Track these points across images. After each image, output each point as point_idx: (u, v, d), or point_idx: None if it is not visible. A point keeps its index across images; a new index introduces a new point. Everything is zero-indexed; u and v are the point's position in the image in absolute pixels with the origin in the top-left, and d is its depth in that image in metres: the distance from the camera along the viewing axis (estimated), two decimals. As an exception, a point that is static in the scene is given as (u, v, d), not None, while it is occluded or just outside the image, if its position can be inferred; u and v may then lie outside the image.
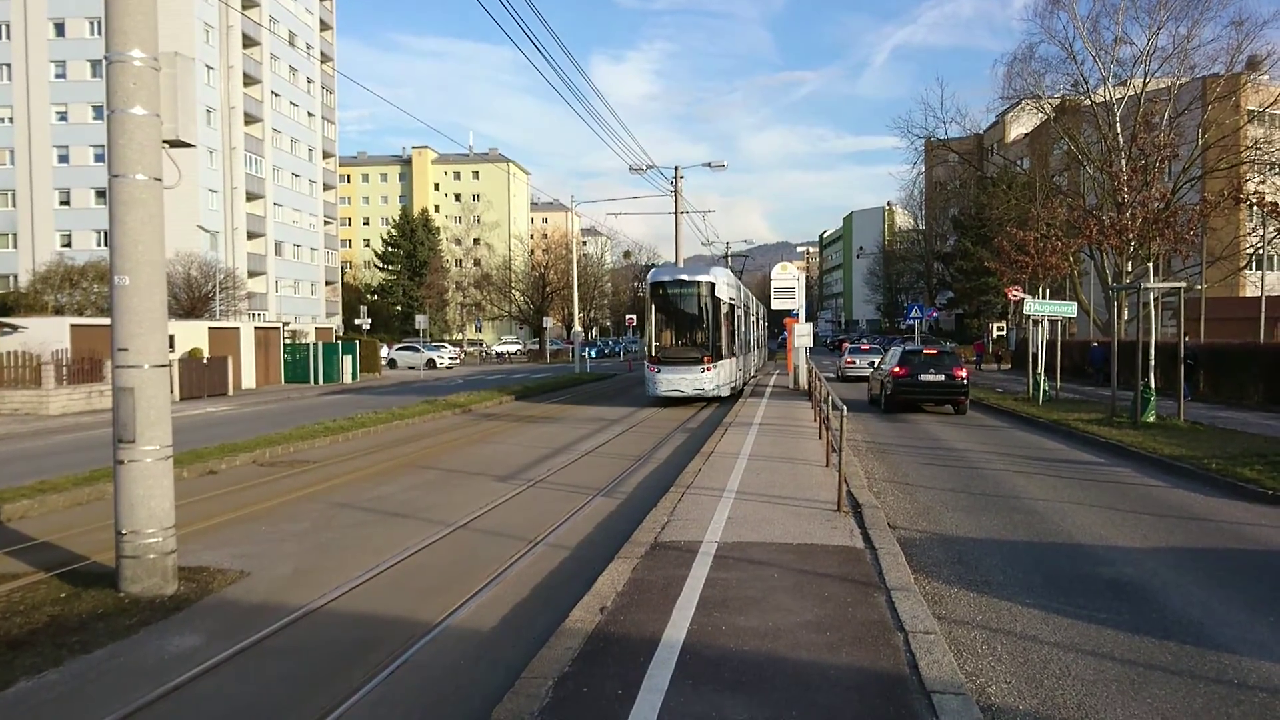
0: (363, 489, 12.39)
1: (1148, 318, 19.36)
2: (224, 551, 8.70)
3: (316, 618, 6.79)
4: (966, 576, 7.66)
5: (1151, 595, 7.11)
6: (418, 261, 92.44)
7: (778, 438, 16.45)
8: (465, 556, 8.56)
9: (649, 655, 5.38)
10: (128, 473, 7.12)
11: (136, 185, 7.09)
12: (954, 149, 56.57)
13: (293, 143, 74.04)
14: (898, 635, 5.74)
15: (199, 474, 13.35)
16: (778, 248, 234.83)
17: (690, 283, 25.22)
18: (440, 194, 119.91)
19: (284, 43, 71.71)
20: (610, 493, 11.95)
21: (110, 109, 7.06)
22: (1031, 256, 25.24)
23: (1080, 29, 38.57)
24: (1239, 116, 40.05)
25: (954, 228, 75.70)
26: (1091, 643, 6.03)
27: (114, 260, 7.13)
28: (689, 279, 25.43)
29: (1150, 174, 19.78)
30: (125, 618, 6.65)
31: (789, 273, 31.89)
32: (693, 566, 7.39)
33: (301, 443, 16.64)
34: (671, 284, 25.42)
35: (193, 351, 32.04)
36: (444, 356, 58.38)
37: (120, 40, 7.00)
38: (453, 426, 20.87)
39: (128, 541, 7.12)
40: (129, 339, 7.09)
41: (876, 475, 12.97)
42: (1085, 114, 40.09)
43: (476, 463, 14.91)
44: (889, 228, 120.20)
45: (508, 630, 6.48)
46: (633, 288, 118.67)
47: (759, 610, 6.24)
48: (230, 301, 51.18)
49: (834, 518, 9.31)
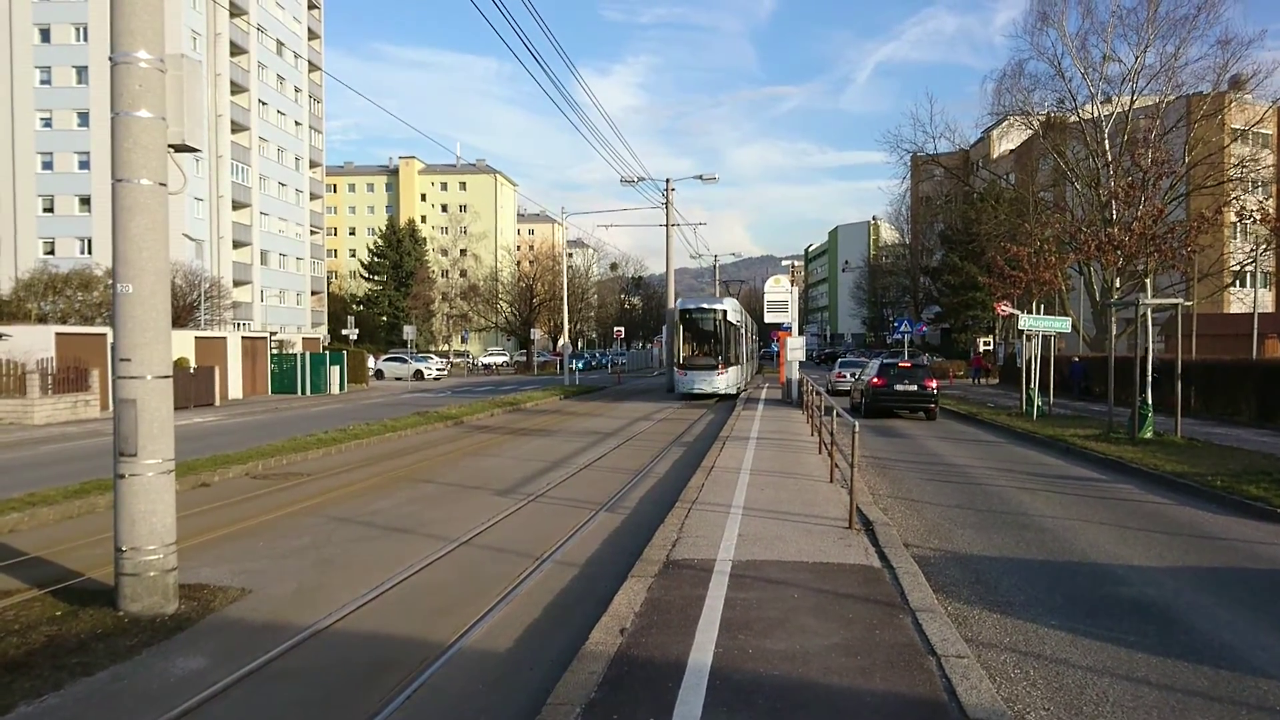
0: (360, 503, 12.15)
1: (1145, 333, 19.36)
2: (223, 568, 8.47)
3: (324, 638, 6.58)
4: (987, 597, 7.53)
5: (1177, 616, 6.98)
6: (404, 272, 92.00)
7: (777, 452, 16.31)
8: (472, 574, 8.36)
9: (677, 680, 5.20)
10: (129, 487, 6.89)
11: (141, 190, 6.88)
12: (942, 164, 56.81)
13: (280, 151, 73.68)
14: (930, 659, 5.58)
15: (191, 486, 13.06)
16: (762, 261, 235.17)
17: (709, 310, 33.95)
18: (427, 204, 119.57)
19: (272, 51, 71.43)
20: (613, 508, 11.76)
21: (115, 111, 6.85)
22: (1025, 272, 25.28)
23: (1069, 46, 38.86)
24: (1224, 135, 40.41)
25: (941, 243, 75.97)
26: (1124, 667, 5.89)
27: (116, 268, 6.91)
28: (708, 307, 34.19)
29: (1147, 190, 19.82)
30: (126, 638, 6.42)
31: (782, 286, 31.83)
32: (709, 586, 7.21)
33: (295, 455, 16.38)
34: (695, 310, 34.05)
35: (179, 361, 31.64)
36: (432, 368, 58.11)
37: (126, 41, 6.79)
38: (446, 439, 20.63)
39: (128, 559, 6.89)
40: (132, 349, 6.87)
41: (881, 491, 12.84)
42: (1073, 130, 40.32)
43: (474, 476, 14.69)
44: (874, 242, 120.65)
45: (524, 652, 6.28)
46: (620, 300, 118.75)
47: (784, 632, 6.07)
48: (216, 311, 50.70)
49: (846, 535, 9.16)
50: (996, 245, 36.33)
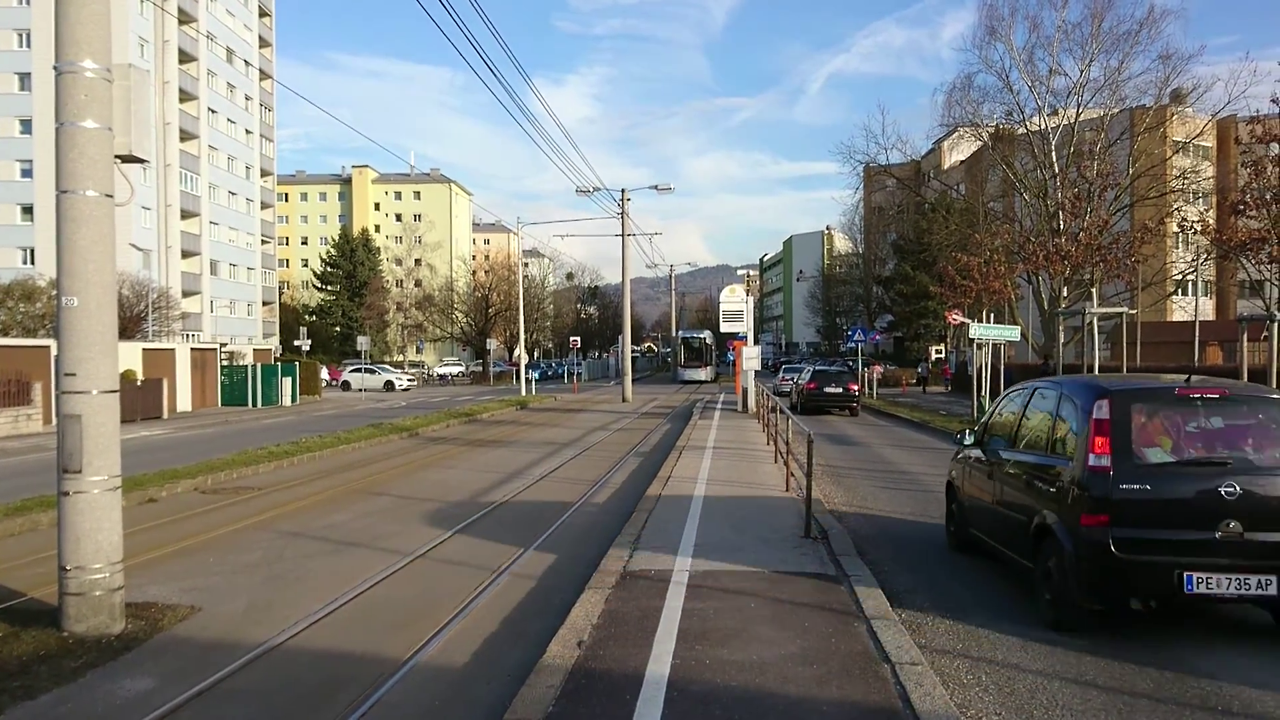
0: (313, 517, 11.99)
1: (1091, 342, 19.78)
2: (172, 585, 8.30)
3: (276, 656, 6.47)
4: (940, 603, 7.62)
5: (1124, 622, 7.11)
6: (358, 282, 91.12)
7: (734, 461, 16.39)
8: (428, 588, 8.29)
9: (635, 693, 5.20)
10: (73, 505, 6.74)
11: (87, 202, 6.74)
12: (894, 174, 57.57)
13: (230, 160, 72.63)
14: (884, 667, 5.64)
15: (138, 502, 12.79)
16: (718, 270, 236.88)
17: (697, 336, 65.97)
18: (381, 214, 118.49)
19: (222, 59, 70.43)
20: (571, 519, 11.72)
21: (60, 121, 6.71)
22: (976, 281, 25.69)
23: (1017, 59, 39.53)
24: (1166, 147, 41.43)
25: (893, 252, 76.95)
26: (1072, 670, 6.00)
27: (62, 280, 6.76)
28: (696, 335, 66.71)
29: (1093, 202, 20.26)
30: (70, 659, 6.26)
31: (737, 296, 32.02)
32: (667, 597, 7.22)
33: (245, 468, 16.12)
34: (690, 337, 66.33)
35: (126, 373, 30.97)
36: (403, 379, 57.63)
37: (72, 50, 6.66)
38: (401, 451, 20.44)
39: (72, 578, 6.73)
40: (77, 363, 6.72)
41: (837, 500, 12.95)
42: (1021, 142, 41.09)
43: (429, 489, 14.57)
44: (828, 252, 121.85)
45: (481, 666, 6.24)
46: (576, 309, 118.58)
47: (741, 642, 6.10)
48: (164, 322, 49.78)
49: (802, 544, 9.22)
50: (948, 255, 36.81)
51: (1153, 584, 6.31)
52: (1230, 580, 6.20)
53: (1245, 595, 6.24)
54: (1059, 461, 7.06)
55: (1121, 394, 6.81)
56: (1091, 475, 6.46)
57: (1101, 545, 6.34)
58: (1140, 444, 6.54)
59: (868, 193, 75.30)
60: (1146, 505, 6.36)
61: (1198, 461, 6.50)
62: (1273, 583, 6.17)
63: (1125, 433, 6.51)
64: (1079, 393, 7.18)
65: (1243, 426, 6.72)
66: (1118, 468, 6.41)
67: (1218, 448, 6.60)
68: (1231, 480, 6.27)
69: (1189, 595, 6.22)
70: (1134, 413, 6.65)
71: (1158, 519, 6.35)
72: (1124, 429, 6.53)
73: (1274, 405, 6.77)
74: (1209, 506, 6.25)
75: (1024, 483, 7.59)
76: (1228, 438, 6.66)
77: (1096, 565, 6.37)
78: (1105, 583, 6.43)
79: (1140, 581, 6.34)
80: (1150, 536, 6.30)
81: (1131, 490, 6.36)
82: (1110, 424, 6.53)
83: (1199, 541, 6.24)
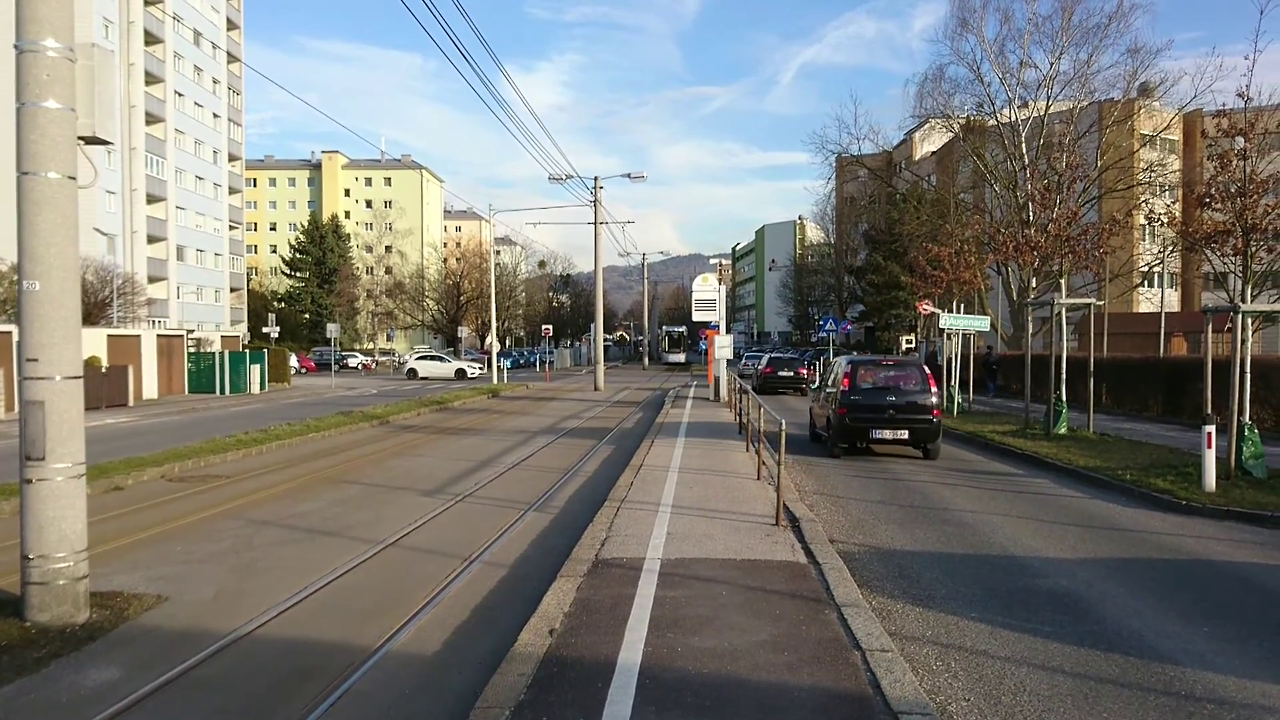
0: (282, 505, 11.88)
1: (1059, 332, 19.99)
2: (138, 574, 8.20)
3: (245, 645, 6.41)
4: (910, 591, 7.69)
5: (1090, 607, 7.22)
6: (327, 269, 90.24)
7: (705, 450, 16.43)
8: (398, 576, 8.24)
9: (606, 680, 5.20)
10: (36, 493, 6.63)
11: (49, 184, 6.61)
12: (866, 165, 57.81)
13: (197, 144, 71.60)
14: (855, 654, 5.68)
15: (104, 490, 12.61)
16: (690, 259, 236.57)
17: (677, 329, 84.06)
18: (351, 200, 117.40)
19: (189, 41, 69.35)
20: (542, 508, 11.70)
21: (20, 102, 6.57)
22: (946, 272, 25.87)
23: (988, 51, 39.85)
24: (1134, 140, 41.90)
25: (865, 242, 77.32)
26: (1040, 656, 6.08)
27: (23, 264, 6.63)
28: (677, 328, 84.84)
29: (1062, 194, 20.43)
30: (33, 649, 6.16)
31: (710, 285, 32.03)
32: (639, 585, 7.23)
33: (213, 456, 15.94)
34: (673, 330, 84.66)
35: (91, 360, 30.51)
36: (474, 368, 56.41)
37: (33, 28, 6.51)
38: (371, 439, 20.30)
39: (35, 567, 6.62)
40: (39, 349, 6.60)
41: (806, 488, 13.01)
42: (992, 134, 41.40)
43: (400, 477, 14.49)
44: (800, 241, 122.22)
45: (452, 654, 6.21)
46: (548, 298, 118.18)
47: (713, 630, 6.12)
48: (129, 308, 49.03)
49: (774, 532, 9.26)
50: (919, 245, 37.07)
51: (863, 435, 15.98)
52: (890, 433, 15.79)
53: (898, 439, 15.88)
54: (835, 389, 16.21)
55: (854, 360, 17.17)
56: (842, 393, 15.92)
57: (844, 420, 15.93)
58: (859, 381, 16.04)
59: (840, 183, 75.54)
60: (860, 405, 15.87)
61: (881, 388, 16.06)
62: (905, 433, 15.77)
63: (854, 376, 16.08)
64: (841, 361, 17.52)
65: (899, 374, 16.38)
66: (850, 390, 15.87)
67: (888, 382, 16.14)
68: (892, 395, 15.91)
69: (874, 439, 15.90)
70: (858, 367, 16.45)
71: (864, 409, 15.84)
72: (854, 375, 16.11)
73: (913, 365, 16.91)
74: (883, 403, 15.85)
75: (825, 400, 17.18)
76: (893, 378, 16.27)
77: (842, 429, 16.03)
78: (845, 436, 16.14)
79: (857, 435, 16.02)
80: (861, 416, 15.82)
81: (855, 399, 15.88)
82: (849, 374, 16.11)
83: (878, 418, 15.77)
